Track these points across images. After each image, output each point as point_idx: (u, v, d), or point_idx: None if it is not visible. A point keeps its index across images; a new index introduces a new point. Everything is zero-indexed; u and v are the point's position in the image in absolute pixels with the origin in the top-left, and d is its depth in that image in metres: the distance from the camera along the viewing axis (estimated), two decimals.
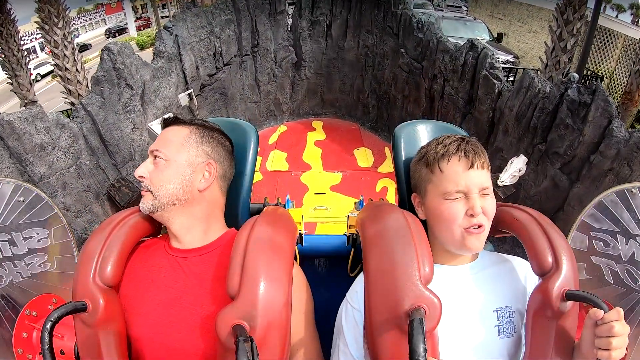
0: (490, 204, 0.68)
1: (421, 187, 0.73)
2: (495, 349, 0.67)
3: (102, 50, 3.11)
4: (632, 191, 0.84)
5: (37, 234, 0.89)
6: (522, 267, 0.74)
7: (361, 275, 0.69)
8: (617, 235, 0.85)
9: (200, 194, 0.72)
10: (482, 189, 0.67)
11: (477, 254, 0.75)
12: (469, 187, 0.67)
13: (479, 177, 0.67)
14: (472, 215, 0.66)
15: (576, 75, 2.87)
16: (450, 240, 0.68)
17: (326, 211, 3.39)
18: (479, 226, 0.67)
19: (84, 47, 16.24)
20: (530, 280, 0.72)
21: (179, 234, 0.72)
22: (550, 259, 0.62)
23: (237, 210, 0.84)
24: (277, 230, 0.67)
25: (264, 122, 5.14)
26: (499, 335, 0.67)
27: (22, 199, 0.87)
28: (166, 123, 0.76)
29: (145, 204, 0.70)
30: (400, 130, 0.85)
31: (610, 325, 0.52)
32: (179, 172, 0.70)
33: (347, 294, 0.74)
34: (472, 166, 0.67)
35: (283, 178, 4.09)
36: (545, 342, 0.61)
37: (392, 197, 3.82)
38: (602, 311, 0.54)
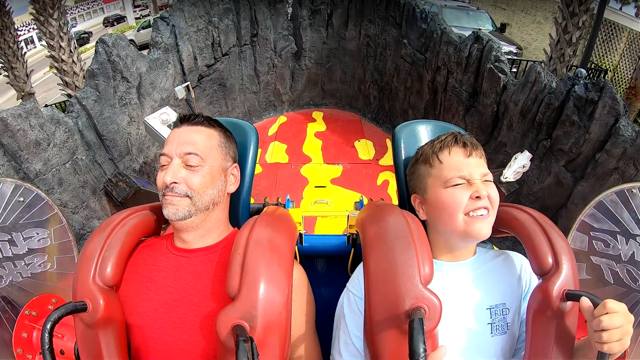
0: (493, 192, 0.68)
1: (421, 185, 0.73)
2: (488, 346, 0.67)
3: (97, 42, 3.05)
4: (632, 191, 0.84)
5: (37, 234, 0.88)
6: (517, 262, 0.74)
7: (361, 264, 0.69)
8: (617, 235, 0.85)
9: (227, 197, 0.75)
10: (483, 176, 0.68)
11: (475, 250, 0.75)
12: (471, 173, 0.67)
13: (479, 164, 0.68)
14: (478, 197, 0.65)
15: (583, 71, 2.82)
16: (454, 229, 0.67)
17: (326, 205, 3.38)
18: (486, 209, 0.66)
19: (85, 35, 15.97)
20: (525, 273, 0.73)
21: (196, 237, 0.71)
22: (550, 259, 0.62)
23: (237, 210, 0.83)
24: (277, 230, 0.67)
25: (263, 113, 5.09)
26: (491, 332, 0.68)
27: (22, 199, 0.86)
28: (189, 121, 0.71)
29: (181, 211, 0.66)
30: (400, 131, 0.85)
31: (599, 319, 0.53)
32: (217, 177, 0.71)
33: (347, 284, 0.74)
34: (470, 155, 0.69)
35: (283, 171, 4.07)
36: (545, 341, 0.61)
37: (393, 191, 3.81)
38: (591, 306, 0.54)
